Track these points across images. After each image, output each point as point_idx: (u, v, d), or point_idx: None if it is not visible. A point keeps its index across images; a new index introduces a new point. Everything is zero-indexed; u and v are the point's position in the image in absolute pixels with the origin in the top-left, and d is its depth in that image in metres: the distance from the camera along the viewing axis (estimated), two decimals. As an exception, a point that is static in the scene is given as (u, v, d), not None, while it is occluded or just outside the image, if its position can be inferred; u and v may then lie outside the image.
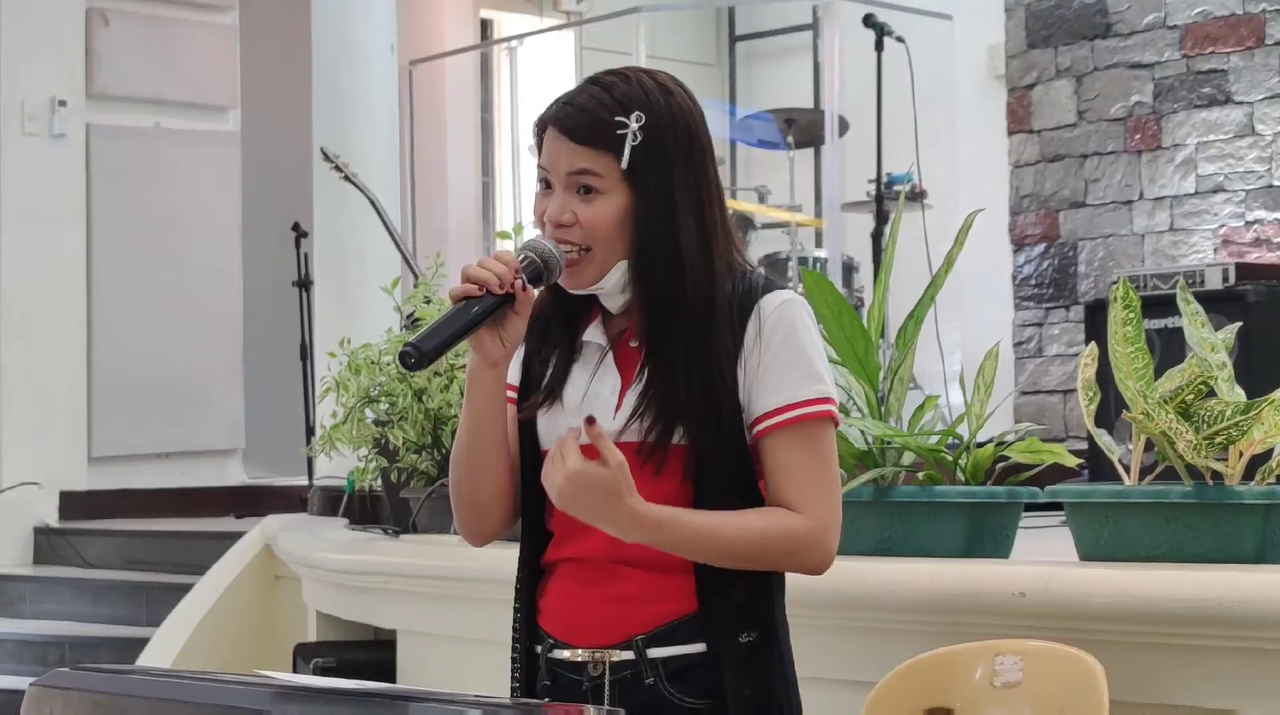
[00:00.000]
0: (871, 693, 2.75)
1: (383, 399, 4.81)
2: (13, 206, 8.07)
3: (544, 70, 9.77)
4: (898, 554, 3.29)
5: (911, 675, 2.75)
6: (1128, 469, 3.05)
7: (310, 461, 7.12)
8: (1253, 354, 5.27)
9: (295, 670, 5.10)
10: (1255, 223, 7.94)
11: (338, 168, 6.19)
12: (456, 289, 2.31)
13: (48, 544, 7.94)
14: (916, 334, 3.41)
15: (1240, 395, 2.99)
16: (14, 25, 8.10)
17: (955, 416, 3.41)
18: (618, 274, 2.37)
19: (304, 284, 7.66)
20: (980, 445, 3.36)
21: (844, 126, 8.36)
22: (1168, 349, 5.12)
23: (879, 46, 7.62)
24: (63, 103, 8.21)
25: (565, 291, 2.41)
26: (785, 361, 2.34)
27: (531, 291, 2.34)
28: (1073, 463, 3.29)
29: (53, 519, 8.07)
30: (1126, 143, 8.33)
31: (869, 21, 7.71)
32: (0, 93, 8.06)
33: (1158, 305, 5.26)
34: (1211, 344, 3.01)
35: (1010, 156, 8.75)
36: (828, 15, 8.69)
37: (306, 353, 7.57)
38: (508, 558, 2.55)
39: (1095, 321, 5.87)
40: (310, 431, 7.20)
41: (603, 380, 2.40)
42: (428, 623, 4.54)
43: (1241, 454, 2.94)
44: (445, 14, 9.85)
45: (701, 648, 2.34)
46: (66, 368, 8.20)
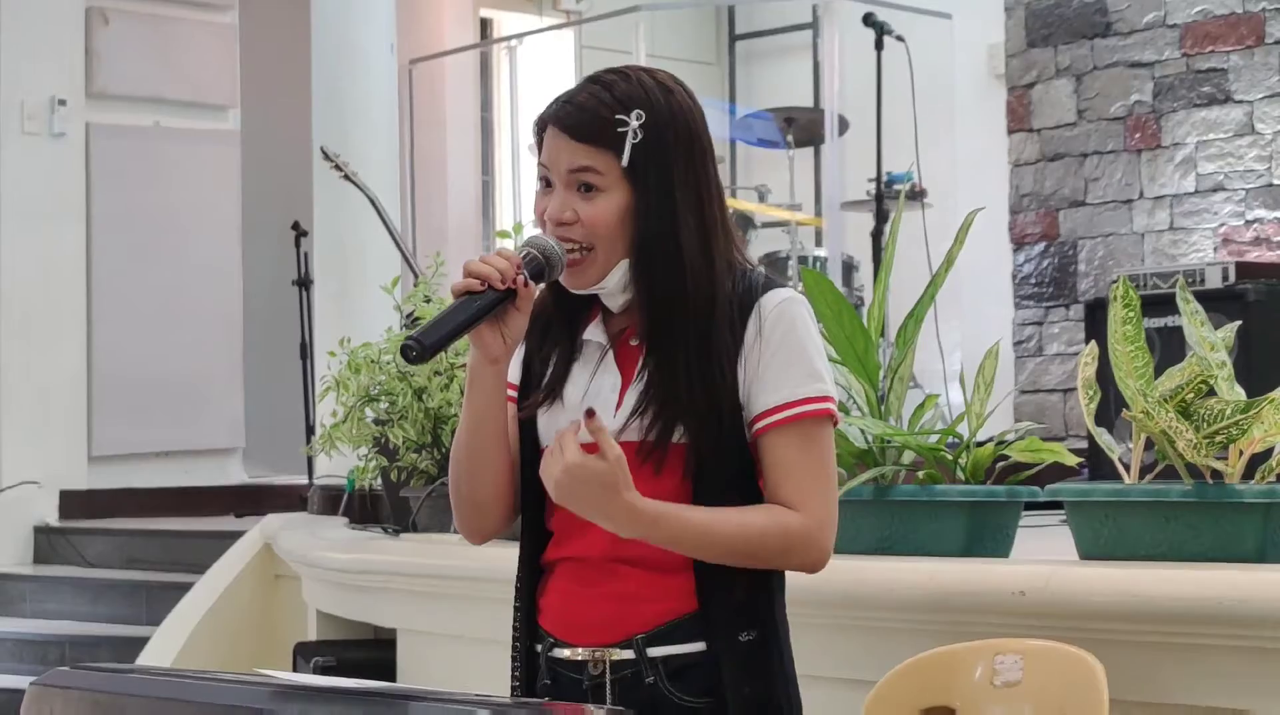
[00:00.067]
0: (871, 692, 2.75)
1: (383, 398, 4.81)
2: (12, 205, 8.07)
3: (544, 69, 9.77)
4: (898, 553, 3.29)
5: (911, 674, 2.75)
6: (1128, 468, 3.05)
7: (310, 460, 7.12)
8: (1253, 353, 5.27)
9: (295, 669, 5.10)
10: (1255, 222, 7.94)
11: (337, 167, 6.19)
12: (458, 284, 2.31)
13: (48, 543, 7.94)
14: (916, 333, 3.41)
15: (1240, 394, 2.99)
16: (14, 24, 8.10)
17: (955, 415, 3.41)
18: (619, 273, 2.37)
19: (304, 283, 7.66)
20: (980, 444, 3.36)
21: (844, 125, 8.36)
22: (1168, 348, 5.12)
23: (879, 45, 7.62)
24: (62, 102, 8.21)
25: (566, 290, 2.41)
26: (785, 359, 2.34)
27: (533, 287, 2.34)
28: (1073, 462, 3.29)
29: (53, 518, 8.07)
30: (1126, 142, 8.32)
31: (869, 20, 7.71)
32: (0, 92, 8.06)
33: (1158, 304, 5.26)
34: (1211, 343, 3.01)
35: (1010, 155, 8.75)
36: (827, 14, 8.69)
37: (306, 352, 7.58)
38: (508, 557, 2.55)
39: (1095, 320, 5.87)
40: (310, 430, 7.20)
41: (603, 379, 2.40)
42: (428, 622, 4.54)
43: (1241, 453, 2.94)
44: (445, 13, 9.85)
45: (701, 647, 2.34)
46: (66, 367, 8.20)
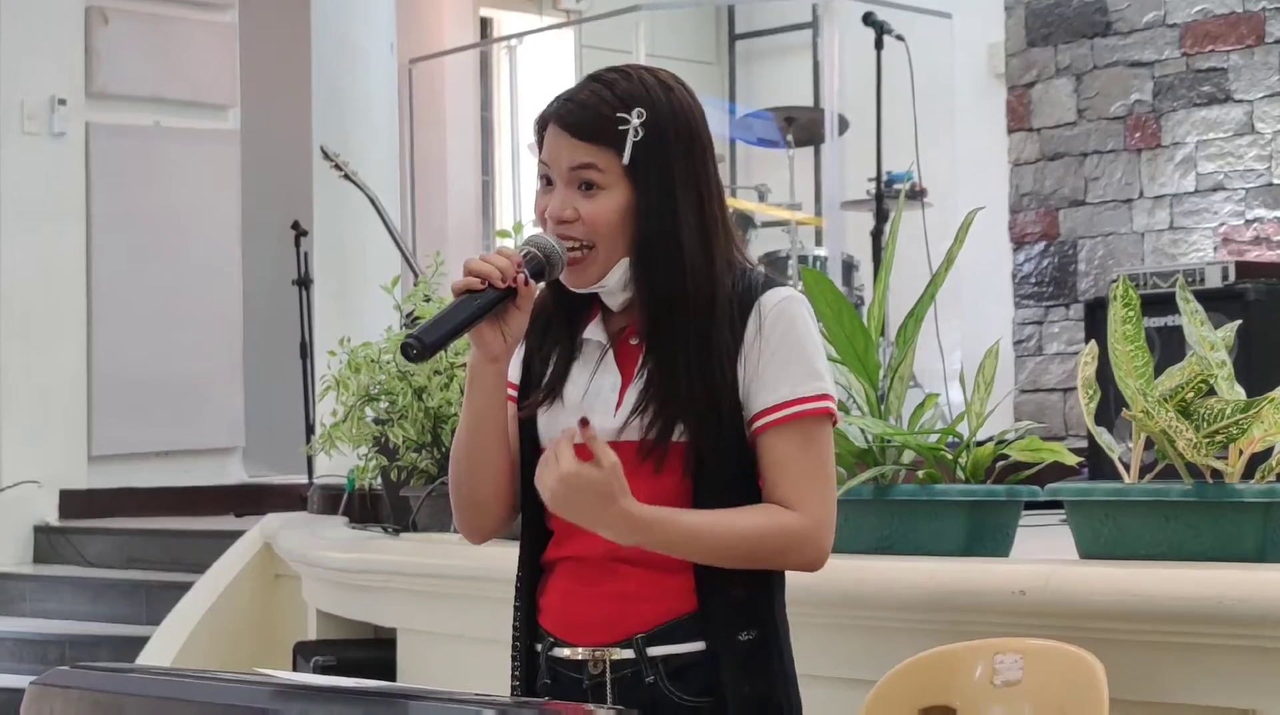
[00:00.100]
0: (871, 691, 2.75)
1: (383, 397, 4.81)
2: (12, 205, 8.07)
3: (544, 69, 9.77)
4: (898, 552, 3.29)
5: (911, 673, 2.74)
6: (1127, 467, 3.05)
7: (310, 460, 7.12)
8: (1252, 352, 5.27)
9: (295, 669, 5.10)
10: (1255, 221, 7.94)
11: (337, 166, 6.19)
12: (459, 282, 2.31)
13: (48, 542, 7.94)
14: (916, 332, 3.41)
15: (1240, 393, 2.99)
16: (13, 24, 8.10)
17: (955, 415, 3.41)
18: (620, 272, 2.37)
19: (304, 282, 7.66)
20: (980, 443, 3.36)
21: (844, 125, 8.36)
22: (1167, 347, 5.12)
23: (879, 45, 7.62)
24: (62, 101, 8.21)
25: (565, 290, 2.41)
26: (784, 358, 2.34)
27: (534, 286, 2.34)
28: (1072, 461, 3.29)
29: (53, 517, 8.07)
30: (1126, 141, 8.32)
31: (868, 20, 7.71)
32: (0, 91, 8.06)
33: (1157, 303, 5.26)
34: (1211, 342, 3.01)
35: (1010, 155, 8.75)
36: (827, 13, 8.69)
37: (306, 351, 7.58)
38: (508, 556, 2.55)
39: (1095, 320, 5.86)
40: (310, 430, 7.20)
41: (603, 378, 2.40)
42: (428, 621, 4.54)
43: (1241, 452, 2.94)
44: (445, 12, 9.85)
45: (701, 646, 2.34)
46: (66, 366, 8.20)
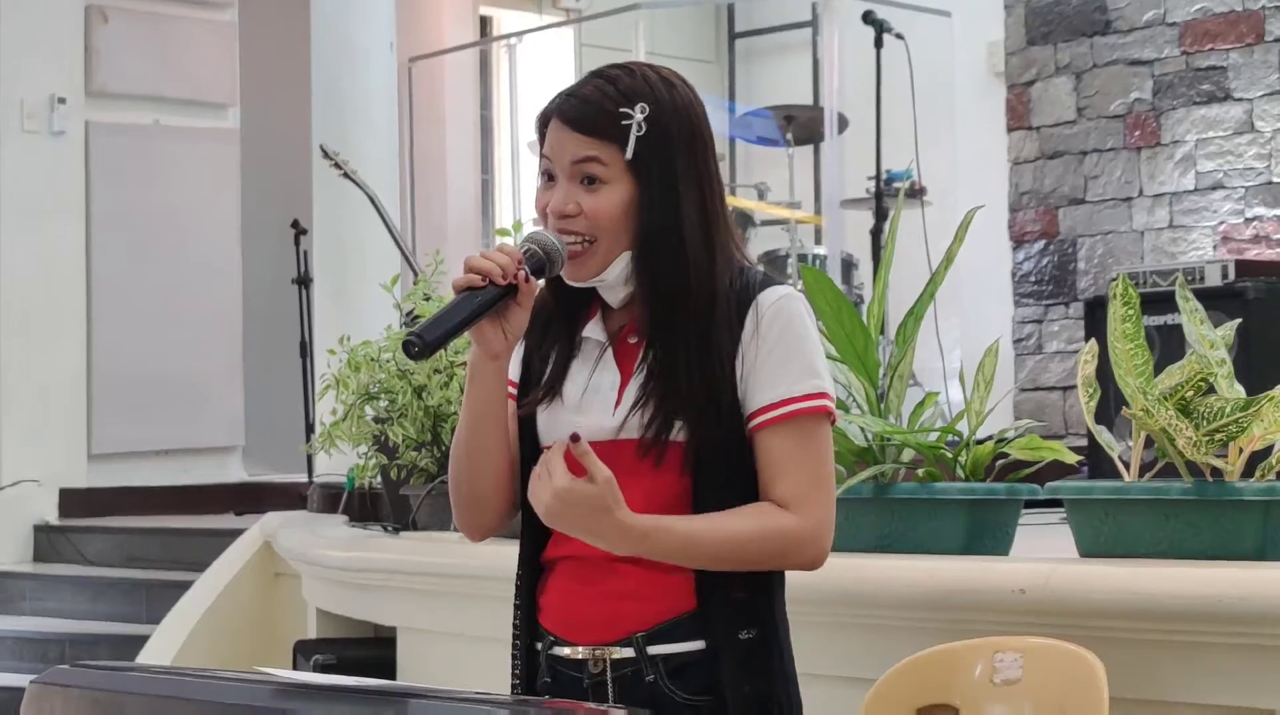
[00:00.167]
0: (871, 690, 2.75)
1: (382, 396, 4.81)
2: (12, 204, 8.07)
3: (543, 67, 9.77)
4: (897, 551, 3.29)
5: (911, 672, 2.75)
6: (1127, 466, 3.05)
7: (310, 458, 7.12)
8: (1252, 351, 5.27)
9: (295, 667, 5.10)
10: (1255, 219, 7.93)
11: (337, 165, 6.19)
12: (459, 279, 2.31)
13: (47, 541, 7.94)
14: (916, 331, 3.41)
15: (1240, 392, 2.99)
16: (13, 22, 8.09)
17: (955, 413, 3.41)
18: (621, 265, 2.37)
19: (303, 281, 7.66)
20: (980, 442, 3.36)
21: (843, 123, 8.36)
22: (1167, 346, 5.12)
23: (878, 43, 7.62)
24: (62, 100, 8.20)
25: (565, 288, 2.41)
26: (782, 356, 2.34)
27: (534, 283, 2.34)
28: (1072, 459, 3.29)
29: (52, 516, 8.07)
30: (1126, 139, 8.32)
31: (868, 18, 7.71)
32: (0, 89, 8.06)
33: (1157, 302, 5.26)
34: (1211, 341, 3.01)
35: (1010, 153, 8.74)
36: (827, 12, 8.69)
37: (306, 350, 7.58)
38: (508, 555, 2.55)
39: (1095, 318, 5.86)
40: (310, 428, 7.20)
41: (602, 376, 2.40)
42: (428, 620, 4.54)
43: (1241, 450, 2.94)
44: (445, 11, 9.85)
45: (701, 645, 2.34)
46: (66, 365, 8.20)
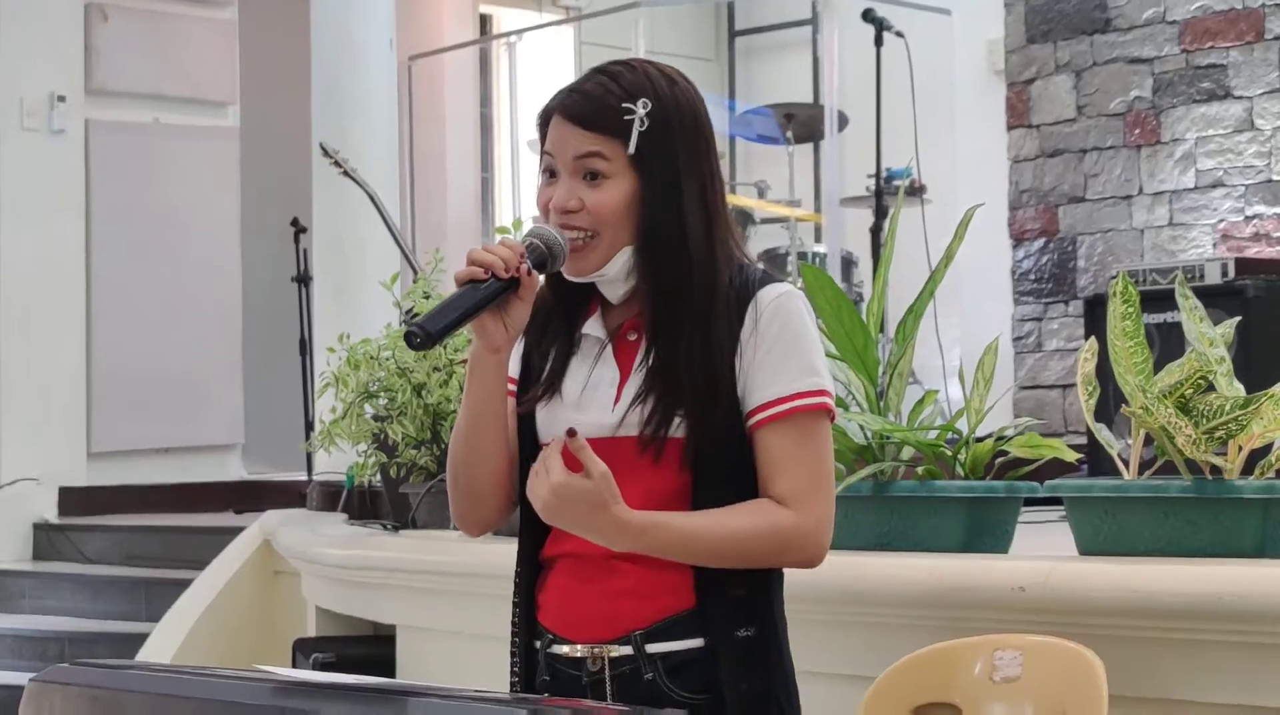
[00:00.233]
0: (870, 688, 2.75)
1: (382, 394, 4.81)
2: (12, 202, 8.07)
3: (543, 65, 9.77)
4: (897, 549, 3.29)
5: (910, 670, 2.75)
6: (1127, 463, 3.05)
7: (309, 457, 7.11)
8: (1252, 349, 5.27)
9: (295, 665, 5.10)
10: (1254, 218, 7.93)
11: (337, 163, 6.19)
12: (462, 272, 2.31)
13: (47, 539, 7.94)
14: (916, 329, 3.42)
15: (1239, 390, 2.99)
16: (13, 20, 8.09)
17: (954, 411, 3.41)
18: (622, 260, 2.37)
19: (303, 279, 7.65)
20: (979, 440, 3.36)
21: (843, 121, 8.36)
22: (1167, 344, 5.12)
23: (878, 41, 7.62)
24: (62, 98, 8.20)
25: (565, 284, 2.41)
26: (781, 354, 2.34)
27: (536, 277, 2.34)
28: (1072, 457, 3.29)
29: (52, 514, 8.07)
30: (1126, 138, 8.32)
31: (868, 16, 7.71)
32: (-1, 88, 8.07)
33: (1157, 300, 5.25)
34: (1210, 339, 3.01)
35: (1009, 151, 8.73)
36: (827, 10, 8.69)
37: (306, 348, 7.57)
38: (507, 553, 2.55)
39: (1094, 316, 5.86)
40: (309, 427, 7.19)
41: (602, 373, 2.40)
42: (427, 618, 4.54)
43: (1241, 448, 2.94)
44: (444, 9, 9.85)
45: (700, 643, 2.34)
46: (66, 363, 8.20)
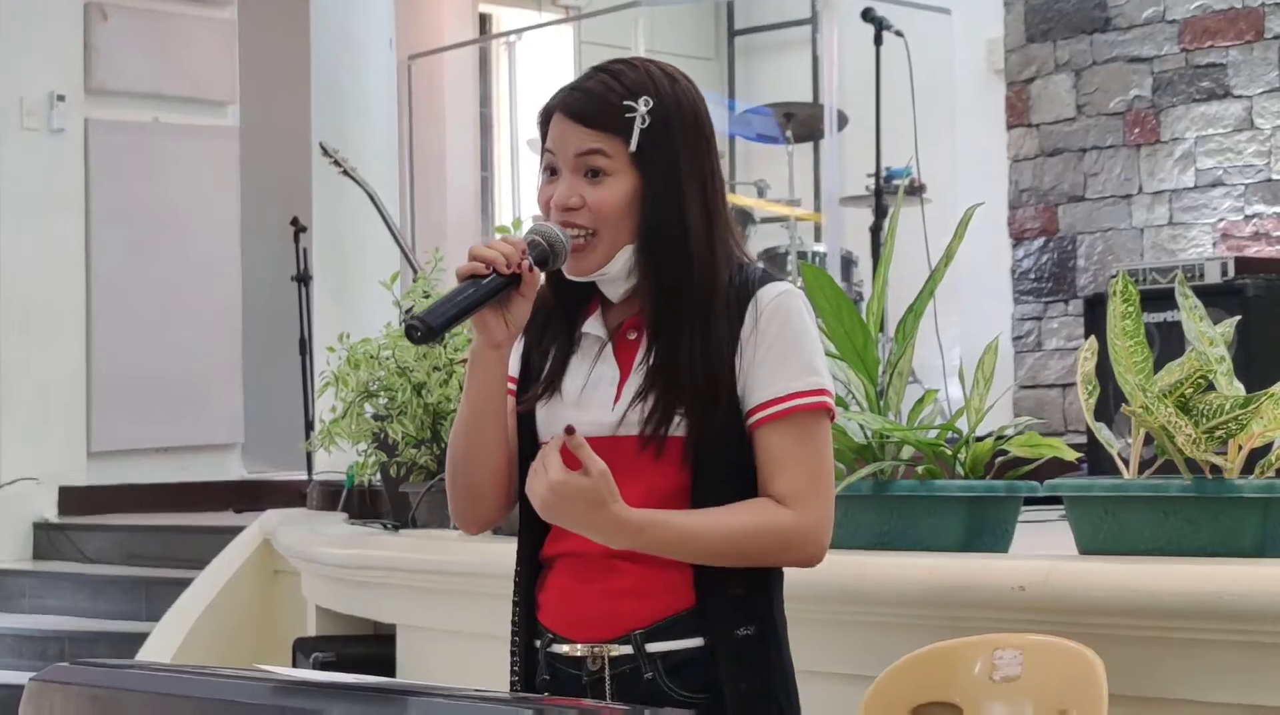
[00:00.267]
0: (870, 687, 2.75)
1: (382, 393, 4.81)
2: (11, 201, 8.06)
3: (543, 65, 9.77)
4: (897, 548, 3.29)
5: (910, 669, 2.75)
6: (1127, 463, 3.05)
7: (309, 456, 7.11)
8: (1252, 348, 5.27)
9: (295, 665, 5.10)
10: (1254, 217, 7.93)
11: (337, 162, 6.19)
12: (463, 267, 2.31)
13: (47, 539, 7.94)
14: (915, 328, 3.41)
15: (1239, 389, 2.99)
16: (12, 20, 8.09)
17: (954, 411, 3.41)
18: (623, 259, 2.37)
19: (303, 279, 7.65)
20: (979, 439, 3.36)
21: (843, 121, 8.36)
22: (1167, 343, 5.12)
23: (878, 41, 7.62)
24: (61, 97, 8.20)
25: (565, 283, 2.41)
26: (780, 353, 2.34)
27: (538, 273, 2.34)
28: (1072, 457, 3.29)
29: (52, 514, 8.07)
30: (1125, 137, 8.32)
31: (868, 16, 7.70)
32: (-1, 87, 8.07)
33: (1157, 299, 5.25)
34: (1210, 338, 3.01)
35: (1009, 151, 8.74)
36: (826, 9, 8.69)
37: (305, 347, 7.57)
38: (507, 552, 2.55)
39: (1094, 315, 5.86)
40: (309, 426, 7.19)
41: (601, 372, 2.40)
42: (427, 617, 4.54)
43: (1241, 448, 2.94)
44: (444, 9, 9.84)
45: (699, 642, 2.34)
46: (66, 362, 8.20)
